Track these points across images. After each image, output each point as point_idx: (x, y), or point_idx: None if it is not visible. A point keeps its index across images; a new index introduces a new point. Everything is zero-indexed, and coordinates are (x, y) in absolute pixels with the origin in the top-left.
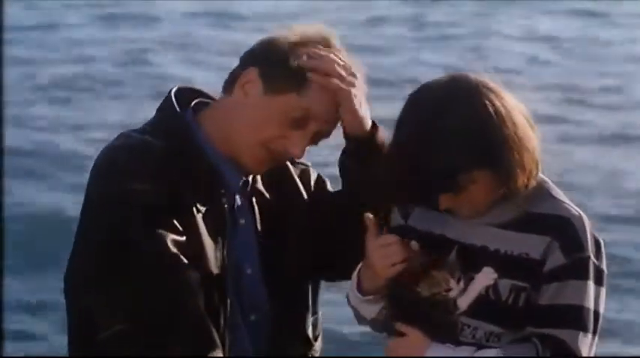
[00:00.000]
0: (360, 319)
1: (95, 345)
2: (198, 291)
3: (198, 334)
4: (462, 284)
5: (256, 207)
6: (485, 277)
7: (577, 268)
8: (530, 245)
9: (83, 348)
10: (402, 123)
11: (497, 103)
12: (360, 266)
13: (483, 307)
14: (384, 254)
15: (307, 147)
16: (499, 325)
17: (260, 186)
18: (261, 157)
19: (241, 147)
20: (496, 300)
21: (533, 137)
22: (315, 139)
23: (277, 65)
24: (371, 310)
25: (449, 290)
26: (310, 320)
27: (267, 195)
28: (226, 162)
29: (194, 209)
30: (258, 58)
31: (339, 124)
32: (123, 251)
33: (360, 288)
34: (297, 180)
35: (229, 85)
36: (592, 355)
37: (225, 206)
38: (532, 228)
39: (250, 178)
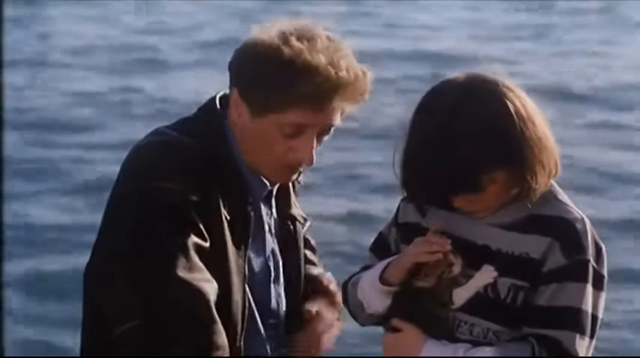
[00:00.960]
0: (361, 312)
1: (110, 341)
2: (211, 295)
3: (204, 336)
4: (459, 258)
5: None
6: (485, 275)
7: (576, 270)
8: (531, 245)
9: (97, 344)
10: (420, 120)
11: (518, 103)
12: (389, 260)
13: (482, 305)
14: (424, 250)
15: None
16: (497, 323)
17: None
18: (279, 169)
19: (257, 163)
20: (494, 299)
21: (550, 136)
22: (322, 135)
23: (254, 87)
24: (382, 304)
25: (451, 265)
26: None
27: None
28: (251, 171)
29: (222, 214)
30: (236, 77)
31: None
32: (144, 247)
33: (382, 279)
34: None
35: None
36: (589, 357)
37: (252, 213)
38: (534, 229)
39: (275, 190)
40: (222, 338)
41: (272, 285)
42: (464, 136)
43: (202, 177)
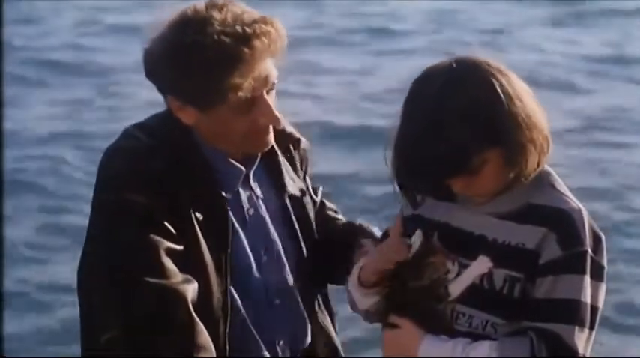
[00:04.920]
0: (355, 307)
1: (97, 349)
2: (189, 295)
3: (186, 338)
4: (456, 266)
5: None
6: (480, 265)
7: (573, 262)
8: (527, 235)
9: (88, 350)
10: (410, 109)
11: (504, 82)
12: (362, 259)
13: (478, 296)
14: (387, 257)
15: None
16: (495, 314)
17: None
18: (254, 140)
19: (231, 147)
20: (490, 290)
21: (541, 115)
22: (270, 93)
23: (188, 92)
24: (366, 302)
25: (447, 272)
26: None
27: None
28: (226, 157)
29: (192, 216)
30: (166, 86)
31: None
32: (115, 258)
33: (360, 281)
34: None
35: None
36: (589, 350)
37: (228, 208)
38: (530, 219)
39: (252, 171)
40: (204, 337)
41: (266, 266)
42: (452, 120)
43: (170, 182)
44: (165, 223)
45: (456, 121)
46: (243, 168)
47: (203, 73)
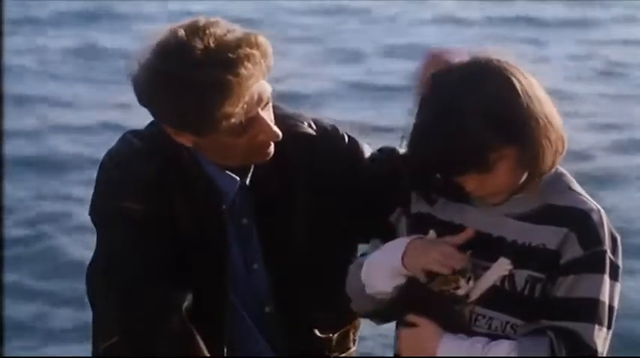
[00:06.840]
0: (358, 294)
1: (99, 356)
2: (183, 302)
3: (179, 345)
4: (471, 283)
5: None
6: (501, 267)
7: (594, 261)
8: (547, 236)
9: (95, 354)
10: (427, 104)
11: (523, 81)
12: (407, 241)
13: (499, 298)
14: (440, 260)
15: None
16: (515, 316)
17: (262, 174)
18: (253, 155)
19: (227, 163)
20: (511, 291)
21: (557, 117)
22: (266, 107)
23: (183, 123)
24: (391, 283)
25: (457, 288)
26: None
27: (270, 182)
28: (222, 169)
29: (190, 222)
30: (160, 116)
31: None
32: (112, 264)
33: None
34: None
35: None
36: (606, 349)
37: (224, 214)
38: (550, 220)
39: (248, 179)
40: (196, 344)
41: (256, 274)
42: (470, 114)
43: (166, 189)
44: (162, 230)
45: (475, 117)
46: (238, 179)
47: (192, 106)
